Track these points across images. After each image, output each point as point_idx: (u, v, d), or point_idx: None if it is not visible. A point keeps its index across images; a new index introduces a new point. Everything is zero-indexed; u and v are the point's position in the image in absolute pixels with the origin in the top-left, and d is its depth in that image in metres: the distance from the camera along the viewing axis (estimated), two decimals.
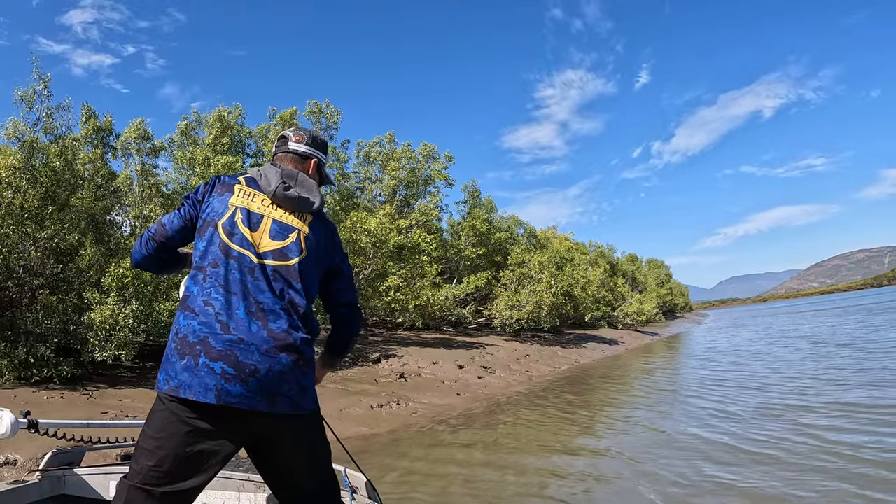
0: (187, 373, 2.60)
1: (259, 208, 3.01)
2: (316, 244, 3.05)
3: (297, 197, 3.04)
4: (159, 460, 2.54)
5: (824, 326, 35.05)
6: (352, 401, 14.49)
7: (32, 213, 14.34)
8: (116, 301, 13.61)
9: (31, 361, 12.78)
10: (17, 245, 14.14)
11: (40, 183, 14.70)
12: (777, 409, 11.44)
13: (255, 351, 2.64)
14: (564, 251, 43.45)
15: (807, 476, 7.01)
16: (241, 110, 26.87)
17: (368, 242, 23.60)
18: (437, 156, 33.92)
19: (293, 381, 2.72)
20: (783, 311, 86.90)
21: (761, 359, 20.79)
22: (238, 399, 2.58)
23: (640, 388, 16.80)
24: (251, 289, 2.78)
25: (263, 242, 2.92)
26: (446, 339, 27.96)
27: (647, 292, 68.27)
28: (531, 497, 7.40)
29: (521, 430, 12.03)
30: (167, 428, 2.59)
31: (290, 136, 3.36)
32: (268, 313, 2.74)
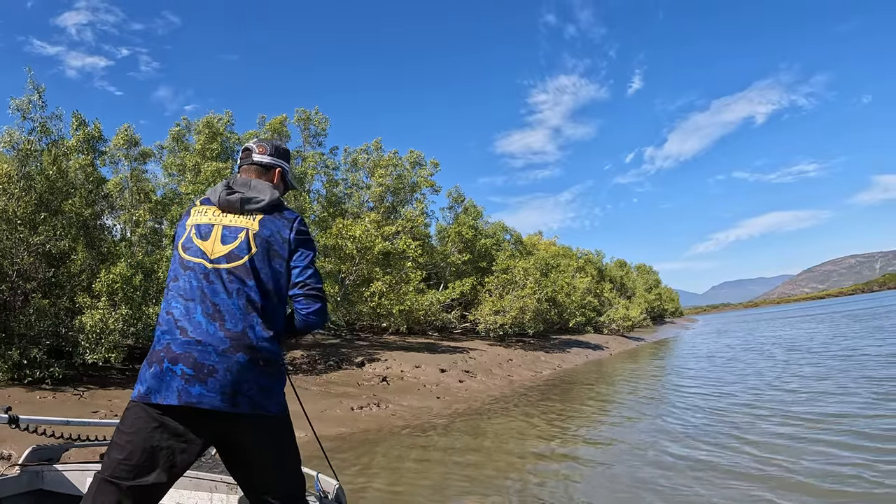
0: (154, 378, 2.77)
1: (210, 219, 3.15)
2: (267, 238, 3.11)
3: (239, 198, 3.15)
4: (128, 454, 2.69)
5: (804, 333, 35.27)
6: (333, 402, 14.96)
7: (26, 220, 14.79)
8: (107, 305, 14.08)
9: (24, 363, 13.25)
10: (10, 250, 14.60)
11: (34, 190, 15.16)
12: (725, 416, 11.78)
13: (213, 351, 2.78)
14: (550, 257, 43.78)
15: (720, 483, 7.41)
16: (230, 117, 27.28)
17: (354, 248, 23.99)
18: (424, 163, 34.40)
19: (253, 381, 2.82)
20: (771, 317, 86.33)
21: (732, 366, 21.11)
22: (198, 398, 2.72)
23: (609, 395, 17.12)
24: (207, 293, 2.92)
25: (216, 249, 3.04)
26: (431, 343, 28.30)
27: (635, 298, 68.60)
28: (468, 488, 8.00)
29: (488, 432, 12.54)
30: (137, 423, 2.75)
31: (253, 148, 3.49)
32: (224, 314, 2.88)
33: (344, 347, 23.93)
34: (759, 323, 65.12)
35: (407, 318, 26.50)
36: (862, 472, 7.13)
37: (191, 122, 27.19)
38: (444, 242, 35.33)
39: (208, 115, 25.81)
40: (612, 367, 27.22)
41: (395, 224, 29.66)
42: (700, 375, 19.77)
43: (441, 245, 35.28)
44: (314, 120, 31.72)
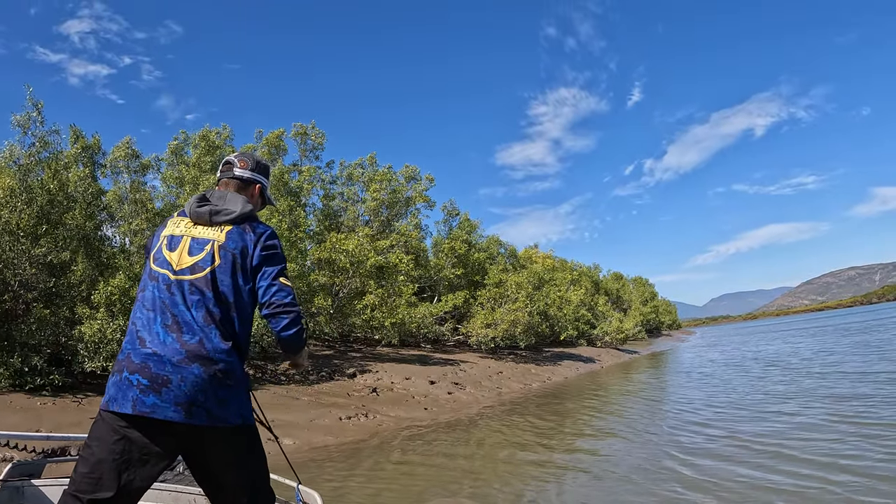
0: (114, 387, 2.84)
1: (181, 231, 3.20)
2: (232, 251, 3.13)
3: (209, 210, 3.21)
4: (91, 467, 2.74)
5: (790, 347, 35.31)
6: (322, 412, 15.40)
7: (28, 232, 15.32)
8: (105, 316, 14.60)
9: (26, 370, 13.74)
10: (12, 261, 15.11)
11: (36, 203, 15.67)
12: (675, 432, 12.06)
13: (168, 362, 2.81)
14: (544, 271, 44.06)
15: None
16: (228, 131, 27.69)
17: (347, 262, 24.42)
18: (419, 177, 34.81)
19: (209, 393, 2.84)
20: (767, 330, 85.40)
21: (706, 381, 21.20)
22: (151, 409, 2.76)
23: (588, 409, 17.27)
24: (168, 304, 2.97)
25: (182, 260, 3.08)
26: (423, 355, 28.62)
27: (630, 311, 68.86)
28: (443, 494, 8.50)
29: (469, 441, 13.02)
30: (100, 436, 2.81)
31: (235, 161, 3.55)
32: (182, 326, 2.91)
33: (337, 359, 24.28)
34: (752, 336, 64.82)
35: (399, 331, 26.77)
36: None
37: (189, 135, 27.61)
38: (439, 256, 35.67)
39: (204, 128, 26.23)
40: (599, 381, 27.41)
41: (390, 238, 30.04)
42: (671, 390, 20.21)
43: (435, 258, 35.64)
44: (311, 134, 32.25)
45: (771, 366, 24.43)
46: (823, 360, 23.67)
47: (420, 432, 14.48)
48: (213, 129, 26.69)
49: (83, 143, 20.00)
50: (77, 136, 20.13)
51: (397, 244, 30.01)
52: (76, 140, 20.11)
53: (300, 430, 13.52)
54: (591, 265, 71.61)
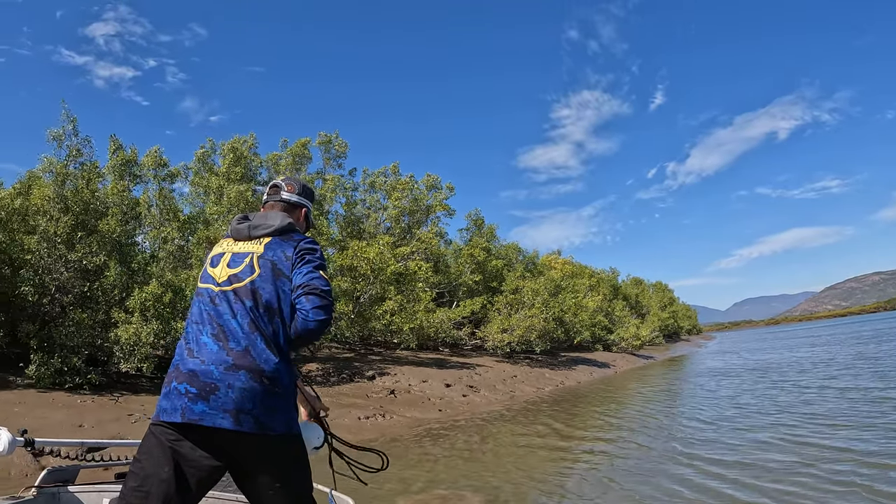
0: (165, 399, 2.88)
1: (223, 249, 3.30)
2: (271, 259, 3.16)
3: (248, 226, 3.31)
4: (141, 481, 2.76)
5: (795, 357, 35.06)
6: (342, 412, 16.24)
7: (64, 238, 16.28)
8: (139, 320, 15.53)
9: (65, 370, 14.72)
10: (49, 266, 16.09)
11: (71, 211, 16.61)
12: (678, 436, 12.57)
13: (215, 370, 2.84)
14: (561, 278, 44.51)
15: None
16: (254, 139, 28.42)
17: (368, 269, 25.15)
18: (440, 186, 35.57)
19: (257, 401, 2.83)
20: (785, 336, 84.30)
21: (692, 394, 20.90)
22: (200, 416, 2.77)
23: (597, 413, 17.81)
24: (213, 315, 3.02)
25: (223, 273, 3.15)
26: (441, 359, 29.28)
27: (649, 316, 69.05)
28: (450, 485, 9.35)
29: (477, 440, 13.84)
30: (150, 450, 2.82)
31: (282, 185, 3.64)
32: (228, 335, 2.94)
33: (357, 361, 25.02)
34: (768, 342, 64.02)
35: (417, 335, 27.43)
36: None
37: (216, 143, 28.39)
38: (458, 262, 36.34)
39: (233, 139, 26.98)
40: (612, 386, 27.80)
41: (410, 245, 30.84)
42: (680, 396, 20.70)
43: (455, 265, 36.30)
44: (335, 143, 32.98)
45: (764, 376, 24.56)
46: (820, 373, 23.44)
47: (435, 432, 15.23)
48: (241, 138, 27.39)
49: (122, 155, 20.95)
50: (117, 146, 21.10)
51: (417, 251, 30.73)
52: (116, 150, 21.06)
53: None
54: (609, 269, 71.80)
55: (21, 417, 12.23)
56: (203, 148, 28.01)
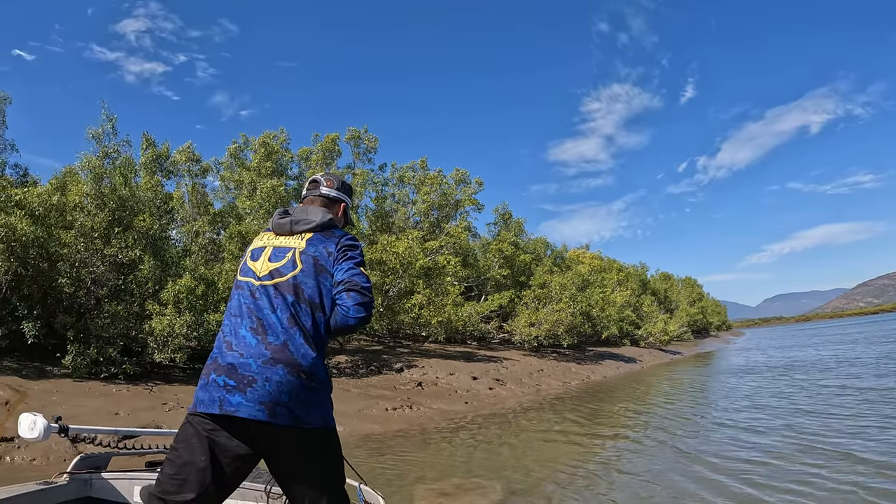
0: (202, 390, 2.91)
1: (264, 243, 3.33)
2: (313, 255, 3.19)
3: (290, 221, 3.32)
4: (178, 469, 2.81)
5: (828, 354, 34.07)
6: (370, 403, 16.57)
7: (101, 233, 16.69)
8: (173, 312, 15.92)
9: (101, 360, 15.15)
10: (85, 260, 16.49)
11: (108, 207, 17.01)
12: (702, 434, 12.53)
13: (253, 363, 2.86)
14: (588, 272, 44.59)
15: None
16: (285, 135, 28.78)
17: (397, 263, 25.51)
18: (468, 180, 35.78)
19: (294, 394, 2.86)
20: (813, 334, 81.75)
21: (726, 391, 20.22)
22: (236, 408, 2.80)
23: (622, 409, 17.80)
24: (253, 309, 3.04)
25: (263, 267, 3.17)
26: (468, 352, 29.49)
27: (677, 311, 68.79)
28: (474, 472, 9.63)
29: (501, 433, 14.07)
30: (187, 439, 2.87)
31: (321, 180, 3.65)
32: (267, 328, 2.97)
33: (385, 354, 25.33)
34: (795, 339, 62.61)
35: (445, 329, 27.64)
36: None
37: (248, 137, 28.74)
38: (487, 257, 36.49)
39: (264, 134, 27.33)
40: (638, 381, 27.83)
41: (439, 239, 31.13)
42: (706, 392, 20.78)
43: (483, 259, 36.45)
44: (364, 138, 33.30)
45: (783, 374, 24.20)
46: (832, 375, 22.22)
47: (460, 424, 15.49)
48: (271, 133, 27.73)
49: (154, 151, 21.36)
50: (149, 143, 21.52)
51: (446, 245, 30.99)
52: (147, 147, 21.49)
53: (350, 419, 14.66)
54: (639, 264, 71.56)
55: (59, 406, 12.62)
56: (235, 143, 28.39)
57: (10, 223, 14.52)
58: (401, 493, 8.65)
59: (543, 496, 8.27)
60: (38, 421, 3.66)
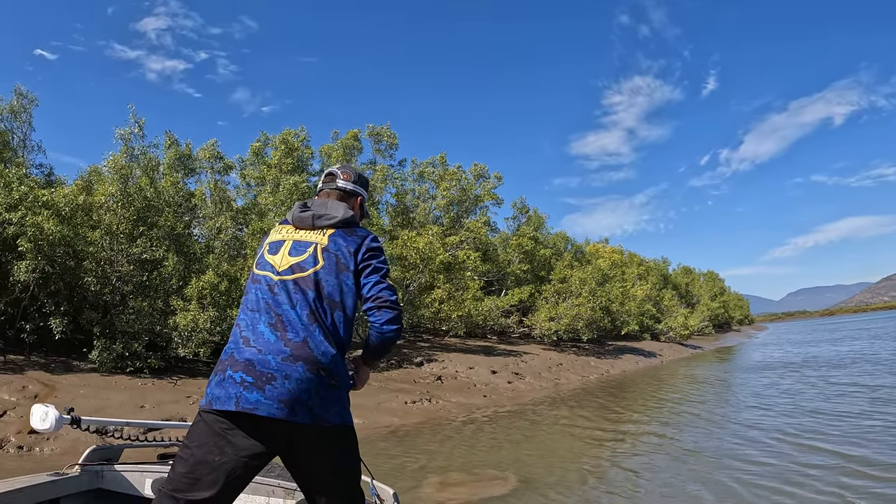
0: (217, 387, 2.82)
1: (283, 236, 3.25)
2: (335, 253, 3.14)
3: (311, 215, 3.25)
4: (190, 468, 2.74)
5: (845, 350, 33.90)
6: (390, 396, 16.88)
7: (126, 232, 17.07)
8: (196, 308, 16.28)
9: (126, 355, 15.56)
10: (111, 258, 16.89)
11: (133, 207, 17.39)
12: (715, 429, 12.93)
13: (272, 360, 2.80)
14: (608, 267, 44.65)
15: None
16: (305, 132, 28.96)
17: (417, 258, 25.85)
18: (487, 175, 36.04)
19: (313, 392, 2.82)
20: (834, 328, 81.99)
21: (738, 390, 19.66)
22: (254, 405, 2.73)
23: (638, 403, 18.11)
24: (272, 304, 2.97)
25: (283, 261, 3.10)
26: (488, 346, 29.72)
27: (699, 306, 68.64)
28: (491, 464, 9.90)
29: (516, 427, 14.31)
30: (200, 438, 2.79)
31: (338, 173, 3.59)
32: (286, 324, 2.90)
33: (406, 348, 25.59)
34: (816, 335, 61.75)
35: (465, 323, 27.90)
36: None
37: (269, 136, 28.97)
38: (507, 251, 36.60)
39: (284, 131, 27.59)
40: (657, 375, 27.93)
41: (459, 234, 31.37)
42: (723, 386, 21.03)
43: (504, 253, 36.55)
44: (384, 135, 33.59)
45: (795, 371, 23.99)
46: (840, 374, 21.54)
47: (478, 417, 15.76)
48: (292, 131, 27.97)
49: (177, 150, 21.73)
50: (172, 141, 21.89)
51: (466, 240, 31.22)
52: (170, 145, 21.86)
53: (369, 412, 14.99)
54: (661, 259, 71.43)
55: (87, 399, 13.00)
56: (258, 141, 28.65)
57: (38, 223, 14.92)
58: (412, 484, 8.88)
59: (553, 487, 8.46)
60: (50, 412, 3.64)
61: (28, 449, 10.75)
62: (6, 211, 15.45)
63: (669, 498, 7.76)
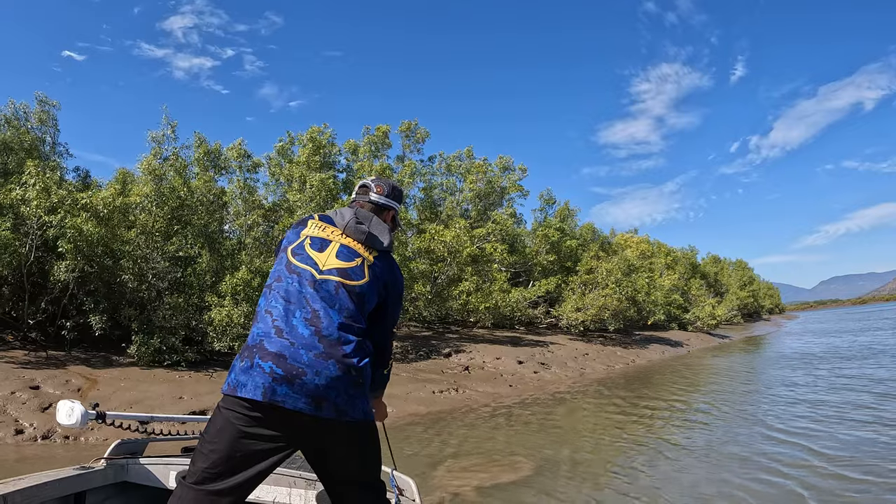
0: (244, 374, 2.81)
1: (328, 236, 3.23)
2: (379, 274, 3.20)
3: (368, 232, 3.25)
4: (212, 463, 2.77)
5: (865, 341, 33.21)
6: (418, 386, 17.36)
7: (161, 231, 17.70)
8: (230, 303, 16.87)
9: (164, 349, 16.17)
10: (146, 256, 17.52)
11: (168, 206, 18.02)
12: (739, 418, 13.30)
13: (305, 355, 2.80)
14: (635, 257, 44.83)
15: None
16: (331, 131, 29.34)
17: (445, 251, 26.33)
18: (513, 167, 36.39)
19: (341, 389, 2.84)
20: (865, 317, 79.75)
21: (754, 382, 19.22)
22: (283, 398, 2.74)
23: (663, 392, 18.27)
24: (310, 299, 2.96)
25: (329, 262, 3.10)
26: (516, 337, 30.02)
27: (727, 295, 68.60)
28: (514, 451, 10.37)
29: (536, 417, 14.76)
30: (221, 432, 2.80)
31: (371, 186, 3.59)
32: (322, 321, 2.90)
33: (434, 340, 26.07)
34: (843, 324, 61.20)
35: (493, 314, 28.32)
36: None
37: (294, 135, 29.40)
38: (534, 242, 36.93)
39: (310, 128, 28.04)
40: (683, 364, 28.11)
41: (486, 226, 31.72)
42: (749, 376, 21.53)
43: (531, 245, 36.90)
44: (416, 131, 34.06)
45: (811, 362, 24.04)
46: (852, 368, 20.54)
47: (503, 405, 16.19)
48: (318, 128, 28.40)
49: (205, 148, 22.30)
50: (200, 141, 22.47)
51: (492, 233, 31.55)
52: (199, 144, 22.43)
53: (398, 401, 15.48)
54: (688, 247, 71.09)
55: (127, 391, 13.62)
56: (282, 141, 29.11)
57: (77, 225, 15.55)
58: (425, 469, 9.28)
59: (567, 473, 8.81)
60: (76, 408, 3.74)
61: (74, 438, 11.35)
62: (46, 214, 16.10)
63: (687, 497, 7.52)
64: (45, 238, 16.52)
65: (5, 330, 17.50)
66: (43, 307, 17.21)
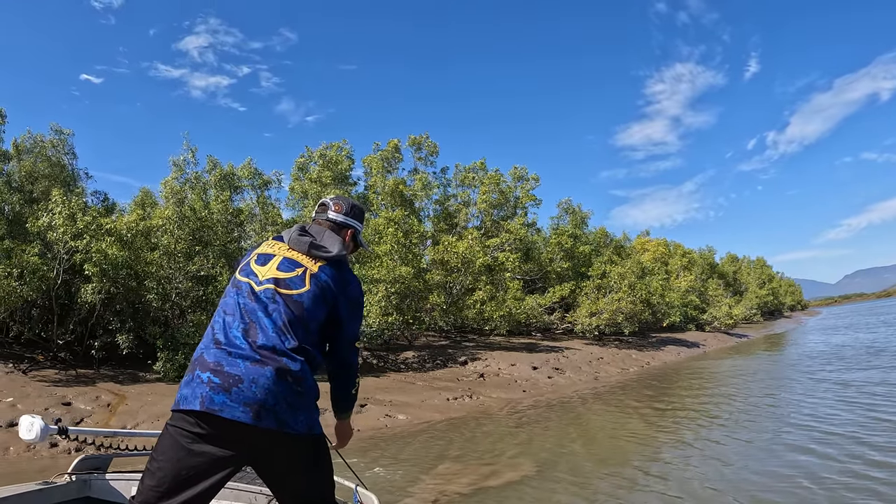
0: (186, 386, 2.83)
1: (273, 251, 3.26)
2: (324, 284, 3.16)
3: (309, 242, 3.25)
4: (158, 480, 2.75)
5: (873, 338, 33.53)
6: (433, 394, 17.93)
7: (183, 252, 18.39)
8: None
9: (187, 365, 16.74)
10: (170, 276, 18.22)
11: (189, 228, 18.72)
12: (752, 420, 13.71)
13: (241, 363, 2.80)
14: (649, 261, 45.14)
15: None
16: (349, 147, 29.85)
17: (459, 262, 26.86)
18: (526, 177, 36.90)
19: (280, 398, 2.81)
20: (885, 312, 78.54)
21: (775, 385, 18.61)
22: (220, 406, 2.72)
23: (676, 394, 18.88)
24: (248, 310, 2.98)
25: (268, 273, 3.11)
26: (531, 343, 30.61)
27: (746, 294, 68.62)
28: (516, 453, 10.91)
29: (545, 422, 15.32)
30: (167, 450, 2.80)
31: (329, 204, 3.58)
32: (258, 330, 2.91)
33: (451, 348, 26.63)
34: (861, 319, 61.98)
35: (508, 322, 28.64)
36: None
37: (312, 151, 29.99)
38: (548, 250, 37.30)
39: (322, 145, 28.77)
40: (698, 365, 28.32)
41: (500, 237, 32.36)
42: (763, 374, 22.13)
43: (546, 252, 37.23)
44: (425, 144, 34.69)
45: (820, 360, 24.44)
46: (855, 370, 20.29)
47: (515, 410, 16.64)
48: (335, 144, 29.05)
49: (220, 171, 23.03)
50: (214, 164, 23.20)
51: (507, 242, 32.15)
52: (213, 168, 23.16)
53: (413, 409, 16.08)
54: (705, 248, 71.00)
55: (154, 405, 14.28)
56: (303, 157, 29.72)
57: (102, 249, 16.25)
58: (420, 473, 9.76)
59: (565, 476, 9.15)
60: (36, 423, 3.67)
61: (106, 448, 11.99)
62: (72, 239, 16.79)
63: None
64: (72, 262, 17.19)
65: (36, 350, 18.12)
66: (71, 328, 17.95)
